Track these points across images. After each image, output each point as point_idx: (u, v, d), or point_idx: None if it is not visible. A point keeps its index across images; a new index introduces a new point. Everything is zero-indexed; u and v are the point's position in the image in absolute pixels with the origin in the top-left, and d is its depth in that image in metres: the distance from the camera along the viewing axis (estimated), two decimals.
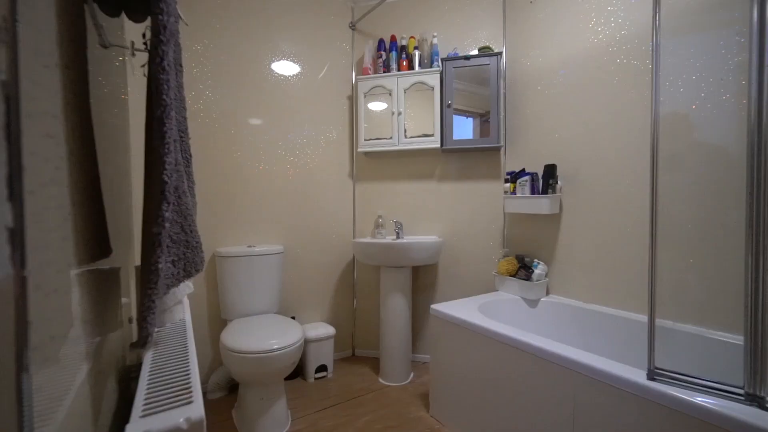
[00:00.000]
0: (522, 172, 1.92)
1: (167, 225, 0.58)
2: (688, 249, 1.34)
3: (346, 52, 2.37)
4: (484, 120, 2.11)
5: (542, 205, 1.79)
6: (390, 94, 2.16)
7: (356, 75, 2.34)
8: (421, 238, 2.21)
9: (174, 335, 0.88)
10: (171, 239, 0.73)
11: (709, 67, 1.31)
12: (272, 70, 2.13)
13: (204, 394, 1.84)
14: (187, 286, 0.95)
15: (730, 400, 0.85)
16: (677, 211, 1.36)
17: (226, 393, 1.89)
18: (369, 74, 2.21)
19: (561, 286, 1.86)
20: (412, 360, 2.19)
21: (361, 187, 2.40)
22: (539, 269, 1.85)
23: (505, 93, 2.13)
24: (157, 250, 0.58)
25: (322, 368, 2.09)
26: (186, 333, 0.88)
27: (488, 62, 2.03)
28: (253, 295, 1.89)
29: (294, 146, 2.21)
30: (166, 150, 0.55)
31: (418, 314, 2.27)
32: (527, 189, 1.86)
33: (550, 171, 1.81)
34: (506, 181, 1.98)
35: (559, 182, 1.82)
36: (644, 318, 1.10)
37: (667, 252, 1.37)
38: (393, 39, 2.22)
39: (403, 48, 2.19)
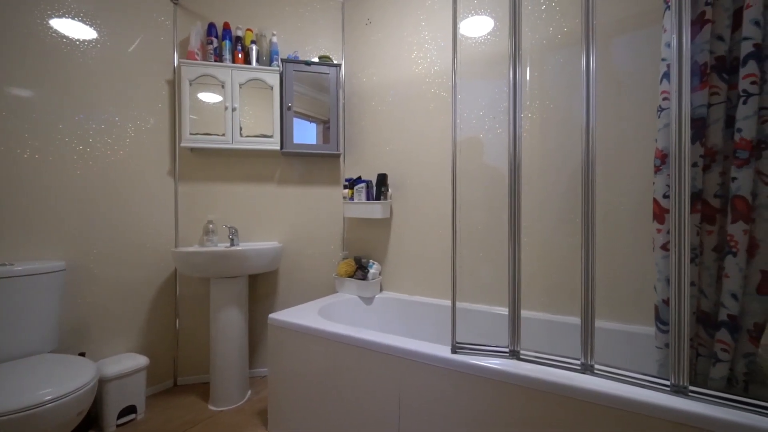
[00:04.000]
0: (359, 179, 2.06)
1: None
2: (480, 245, 1.72)
3: (166, 29, 2.01)
4: (326, 127, 2.16)
5: (375, 210, 1.97)
6: (223, 87, 1.95)
7: (179, 58, 2.02)
8: (260, 244, 2.07)
9: None
10: None
11: (489, 106, 1.73)
12: (51, 28, 1.60)
13: None
14: None
15: (501, 357, 1.12)
16: (473, 215, 1.73)
17: None
18: (196, 60, 1.94)
19: (392, 283, 2.08)
20: (250, 376, 2.03)
21: (186, 188, 2.07)
22: (374, 269, 2.01)
23: (344, 103, 2.24)
24: None
25: (130, 410, 1.68)
26: None
27: (328, 72, 2.10)
28: (10, 333, 1.36)
29: (86, 132, 1.72)
30: None
31: (257, 326, 2.11)
32: (363, 195, 2.01)
33: (382, 179, 2.00)
34: (345, 187, 2.09)
35: (390, 190, 2.04)
36: None
37: (466, 248, 1.72)
38: (226, 27, 2.02)
39: (239, 39, 2.02)
